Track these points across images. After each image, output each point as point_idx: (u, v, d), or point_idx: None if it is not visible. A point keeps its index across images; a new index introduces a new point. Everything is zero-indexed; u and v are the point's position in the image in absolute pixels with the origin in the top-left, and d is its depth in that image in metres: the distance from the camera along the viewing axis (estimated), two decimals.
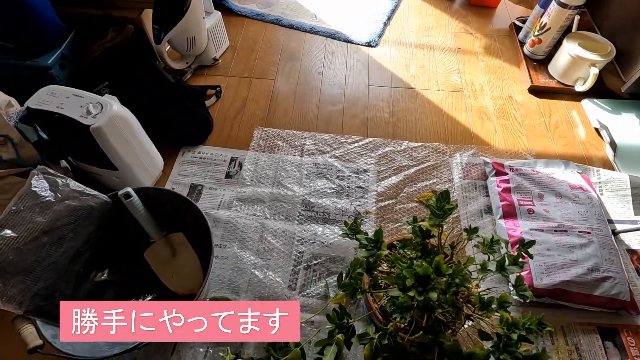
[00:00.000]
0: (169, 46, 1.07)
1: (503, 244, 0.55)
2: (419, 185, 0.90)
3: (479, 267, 0.55)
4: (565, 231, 0.76)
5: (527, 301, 0.71)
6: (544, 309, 0.73)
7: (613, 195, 0.87)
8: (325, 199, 0.87)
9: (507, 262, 0.50)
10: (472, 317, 0.49)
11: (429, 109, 1.05)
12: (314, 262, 0.78)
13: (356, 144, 0.96)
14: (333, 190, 0.88)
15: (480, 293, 0.53)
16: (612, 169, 0.93)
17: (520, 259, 0.53)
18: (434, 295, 0.42)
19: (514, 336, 0.41)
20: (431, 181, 0.90)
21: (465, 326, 0.56)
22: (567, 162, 0.91)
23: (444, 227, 0.82)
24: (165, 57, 1.00)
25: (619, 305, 0.71)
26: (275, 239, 0.81)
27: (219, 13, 1.09)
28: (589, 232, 0.75)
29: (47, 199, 0.56)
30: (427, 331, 0.45)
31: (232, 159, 0.94)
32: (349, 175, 0.91)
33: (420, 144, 0.97)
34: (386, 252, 0.51)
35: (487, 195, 0.88)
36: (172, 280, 0.71)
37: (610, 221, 0.85)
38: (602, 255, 0.73)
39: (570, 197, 0.81)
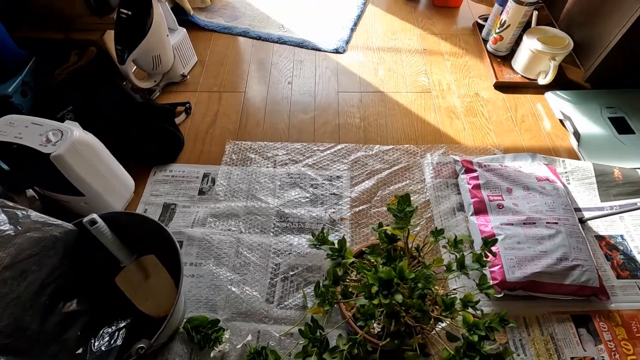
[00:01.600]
0: (135, 66, 1.07)
1: (467, 243, 0.56)
2: (392, 187, 0.91)
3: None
4: (534, 223, 0.78)
5: (501, 295, 0.72)
6: (519, 301, 0.74)
7: (579, 184, 0.90)
8: (300, 208, 0.87)
9: (468, 261, 0.51)
10: (441, 319, 0.50)
11: (399, 112, 1.06)
12: (291, 273, 0.78)
13: (328, 151, 0.97)
14: (307, 199, 0.89)
15: (450, 293, 0.54)
16: (577, 158, 0.95)
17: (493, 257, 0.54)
18: (398, 297, 0.42)
19: (474, 337, 0.42)
20: (404, 183, 0.92)
21: (438, 328, 0.57)
22: (534, 154, 0.94)
23: (418, 228, 0.84)
24: (131, 77, 0.99)
25: (589, 292, 0.72)
26: (251, 252, 0.81)
27: (184, 30, 1.09)
28: (556, 223, 0.77)
29: (7, 232, 0.55)
30: (394, 336, 0.45)
31: (205, 175, 0.93)
32: (323, 183, 0.91)
33: (391, 146, 0.98)
34: (351, 260, 0.51)
35: (459, 193, 0.89)
36: (146, 303, 0.70)
37: (578, 209, 0.87)
38: (570, 244, 0.74)
39: (537, 190, 0.83)
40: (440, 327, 0.56)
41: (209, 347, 0.68)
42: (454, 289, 0.57)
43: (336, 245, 0.51)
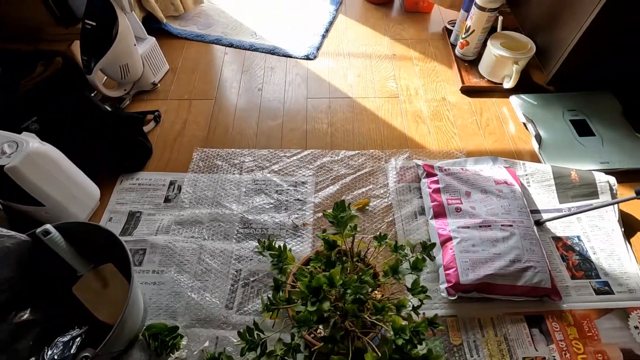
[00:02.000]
0: (105, 76, 1.08)
1: (408, 248, 0.57)
2: (355, 192, 0.92)
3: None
4: (489, 226, 0.79)
5: (455, 298, 0.73)
6: (474, 303, 0.76)
7: (539, 186, 0.91)
8: (264, 214, 0.88)
9: (402, 266, 0.52)
10: (377, 324, 0.51)
11: (366, 117, 1.08)
12: (252, 279, 0.79)
13: (295, 157, 0.98)
14: (271, 205, 0.90)
15: (390, 298, 0.55)
16: (539, 161, 0.97)
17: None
18: (325, 305, 0.44)
19: (399, 341, 0.43)
20: (367, 187, 0.93)
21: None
22: (495, 157, 0.95)
23: (379, 233, 0.84)
24: (99, 86, 1.00)
25: (541, 293, 0.74)
26: (213, 259, 0.82)
27: (153, 39, 1.10)
28: (511, 225, 0.79)
29: None
30: (328, 341, 0.46)
31: (171, 183, 0.94)
32: (288, 189, 0.93)
33: (357, 152, 0.99)
34: (292, 266, 0.52)
35: (421, 197, 0.91)
36: (105, 311, 0.70)
37: (537, 211, 0.89)
38: (523, 246, 0.76)
39: (495, 193, 0.84)
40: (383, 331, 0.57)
41: (166, 353, 0.69)
42: (392, 293, 0.58)
43: (275, 252, 0.52)
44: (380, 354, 0.42)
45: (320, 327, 0.55)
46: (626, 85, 1.06)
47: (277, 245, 0.56)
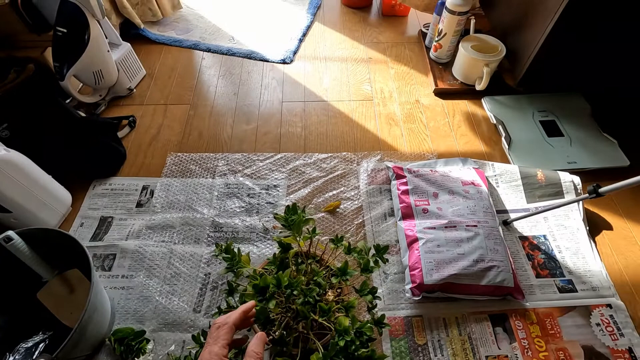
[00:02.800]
0: (80, 82, 1.08)
1: (364, 249, 0.58)
2: (326, 195, 0.93)
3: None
4: (455, 226, 0.80)
5: (419, 298, 0.74)
6: (439, 302, 0.77)
7: (507, 187, 0.93)
8: (235, 218, 0.89)
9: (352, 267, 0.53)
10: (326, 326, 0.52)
11: (340, 120, 1.09)
12: (220, 282, 0.80)
13: (268, 161, 0.99)
14: (243, 209, 0.90)
15: (343, 299, 0.56)
16: (509, 162, 0.98)
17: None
18: (271, 304, 0.44)
19: (341, 342, 0.44)
20: (339, 190, 0.94)
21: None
22: (465, 159, 0.96)
23: (348, 235, 0.85)
24: (72, 93, 1.01)
25: (504, 292, 0.75)
26: (182, 263, 0.82)
27: (128, 44, 1.11)
28: (475, 225, 0.80)
29: None
30: (277, 343, 0.47)
31: (144, 188, 0.95)
32: (260, 192, 0.93)
33: (329, 154, 1.00)
34: (246, 268, 0.53)
35: (391, 199, 0.92)
36: (71, 317, 0.71)
37: (505, 211, 0.90)
38: (487, 246, 0.77)
39: (461, 194, 0.86)
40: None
41: (131, 358, 0.70)
42: (341, 296, 0.58)
43: (228, 254, 0.53)
44: (322, 355, 0.43)
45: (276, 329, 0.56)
46: (595, 86, 1.08)
47: (234, 249, 0.56)
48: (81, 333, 0.60)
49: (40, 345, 0.65)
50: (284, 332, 0.50)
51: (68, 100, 1.05)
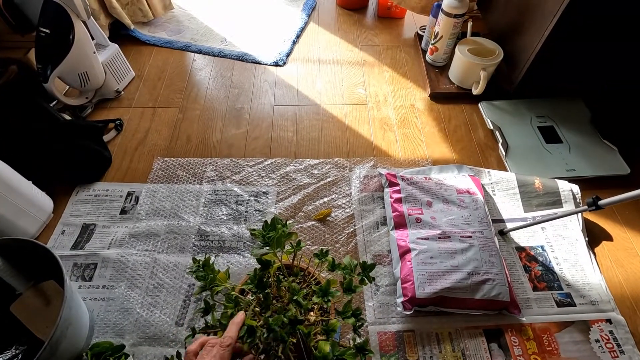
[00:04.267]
0: (66, 84, 1.06)
1: (349, 265, 0.54)
2: (317, 202, 0.90)
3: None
4: (449, 237, 0.77)
5: (411, 312, 0.71)
6: (432, 317, 0.74)
7: (504, 195, 0.90)
8: (222, 226, 0.86)
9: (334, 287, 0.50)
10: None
11: (333, 124, 1.06)
12: (205, 294, 0.76)
13: (257, 166, 0.96)
14: (230, 217, 0.87)
15: (329, 319, 0.53)
16: (505, 168, 0.95)
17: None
18: (245, 345, 0.42)
19: None
20: (330, 197, 0.91)
21: None
22: (460, 165, 0.94)
23: (338, 245, 0.82)
24: (56, 95, 0.98)
25: (500, 306, 0.72)
26: (166, 273, 0.79)
27: (116, 46, 1.08)
28: (470, 236, 0.77)
29: None
30: None
31: (129, 194, 0.91)
32: (248, 200, 0.90)
33: (320, 160, 0.97)
34: (223, 286, 0.50)
35: (384, 207, 0.89)
36: (46, 330, 0.68)
37: (502, 220, 0.87)
38: (482, 258, 0.74)
39: (456, 203, 0.83)
40: None
41: None
42: (322, 316, 0.55)
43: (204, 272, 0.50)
44: None
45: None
46: (592, 91, 1.05)
47: (214, 265, 0.53)
48: (53, 350, 0.57)
49: None
50: (261, 358, 0.47)
51: (53, 103, 1.02)
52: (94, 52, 0.99)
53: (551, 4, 0.85)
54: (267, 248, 0.49)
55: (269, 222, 0.50)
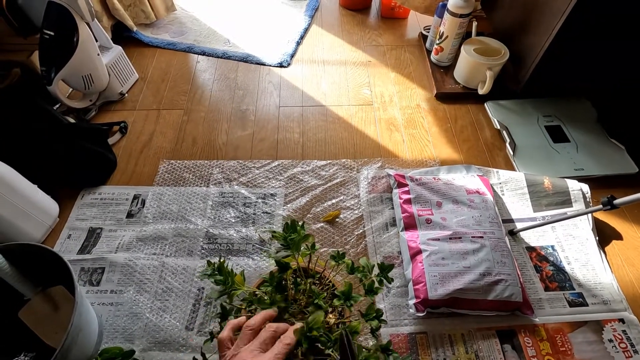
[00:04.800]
0: (70, 87, 1.05)
1: (366, 266, 0.54)
2: (325, 204, 0.89)
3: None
4: (460, 238, 0.77)
5: (423, 314, 0.71)
6: (445, 318, 0.73)
7: (513, 195, 0.89)
8: (230, 228, 0.85)
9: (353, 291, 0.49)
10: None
11: (339, 125, 1.06)
12: (215, 298, 0.76)
13: (264, 168, 0.95)
14: (238, 219, 0.87)
15: (345, 321, 0.52)
16: (513, 168, 0.95)
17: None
18: None
19: None
20: (338, 199, 0.90)
21: None
22: (469, 166, 0.93)
23: (348, 246, 0.81)
24: (60, 98, 0.97)
25: (512, 307, 0.71)
26: (174, 277, 0.78)
27: (119, 48, 1.07)
28: (481, 237, 0.76)
29: None
30: None
31: (135, 197, 0.91)
32: (256, 202, 0.90)
33: (328, 161, 0.97)
34: (241, 290, 0.50)
35: (393, 208, 0.88)
36: (55, 336, 0.67)
37: (511, 220, 0.87)
38: (493, 259, 0.74)
39: (466, 203, 0.82)
40: None
41: None
42: (342, 318, 0.54)
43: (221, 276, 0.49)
44: None
45: None
46: (601, 90, 1.05)
47: (227, 268, 0.53)
48: (64, 357, 0.56)
49: None
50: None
51: (57, 106, 1.01)
52: (98, 54, 0.98)
53: (560, 2, 0.85)
54: (288, 251, 0.48)
55: (289, 223, 0.49)
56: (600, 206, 0.62)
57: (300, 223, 0.52)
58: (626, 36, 0.88)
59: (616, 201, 0.59)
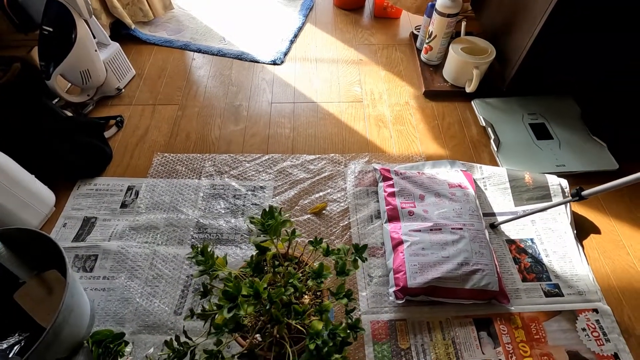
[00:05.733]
0: (68, 82, 1.08)
1: (342, 250, 0.56)
2: (313, 197, 0.92)
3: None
4: (440, 229, 0.79)
5: (402, 302, 0.73)
6: (424, 306, 0.76)
7: (496, 189, 0.92)
8: (220, 219, 0.88)
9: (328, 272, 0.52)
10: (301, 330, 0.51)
11: (329, 121, 1.08)
12: (204, 278, 0.79)
13: (255, 162, 0.98)
14: (228, 210, 0.90)
15: (317, 302, 0.55)
16: (497, 164, 0.98)
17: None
18: (250, 308, 0.44)
19: (312, 345, 0.43)
20: (325, 192, 0.93)
21: None
22: (453, 161, 0.96)
23: (333, 237, 0.84)
24: (59, 92, 1.00)
25: (489, 296, 0.74)
26: (165, 265, 0.81)
27: (117, 44, 1.11)
28: (461, 228, 0.79)
29: None
30: (250, 349, 0.46)
31: (129, 188, 0.94)
32: (246, 194, 0.93)
33: (317, 156, 0.99)
34: (221, 270, 0.52)
35: (378, 201, 0.91)
36: (48, 317, 0.70)
37: (493, 214, 0.89)
38: (472, 249, 0.76)
39: (448, 196, 0.85)
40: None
41: None
42: (316, 298, 0.57)
43: (202, 257, 0.52)
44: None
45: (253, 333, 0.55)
46: (585, 84, 1.08)
47: (210, 251, 0.56)
48: (55, 335, 0.59)
49: (15, 347, 0.64)
50: (257, 337, 0.49)
51: (55, 100, 1.04)
52: (96, 50, 1.02)
53: (541, 4, 0.87)
54: (265, 235, 0.51)
55: (267, 210, 0.52)
56: (569, 197, 0.64)
57: (279, 209, 0.54)
58: (609, 29, 0.90)
59: (584, 192, 0.62)
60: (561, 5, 0.84)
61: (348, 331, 0.46)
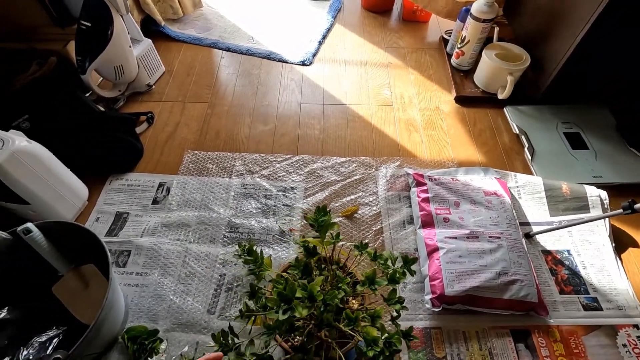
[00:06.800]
0: (100, 76, 1.09)
1: (390, 258, 0.56)
2: (344, 199, 0.91)
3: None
4: (477, 237, 0.78)
5: (439, 310, 0.72)
6: (459, 315, 0.75)
7: (530, 198, 0.90)
8: (251, 219, 0.88)
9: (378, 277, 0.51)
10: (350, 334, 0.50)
11: (359, 124, 1.08)
12: (236, 284, 0.78)
13: (285, 162, 0.98)
14: (259, 210, 0.89)
15: (368, 307, 0.54)
16: (531, 173, 0.96)
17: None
18: (304, 311, 0.43)
19: (370, 353, 0.42)
20: (357, 195, 0.92)
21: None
22: (487, 168, 0.94)
23: (367, 241, 0.84)
24: (93, 87, 1.01)
25: (527, 307, 0.73)
26: (197, 263, 0.81)
27: (149, 41, 1.11)
28: (498, 237, 0.78)
29: None
30: (299, 350, 0.46)
31: (160, 185, 0.94)
32: (277, 194, 0.92)
33: (347, 158, 0.99)
34: (268, 272, 0.52)
35: (411, 206, 0.90)
36: (86, 312, 0.70)
37: (528, 223, 0.88)
38: (510, 259, 0.75)
39: (484, 204, 0.84)
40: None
41: (144, 357, 0.68)
42: (371, 302, 0.56)
43: (251, 257, 0.51)
44: None
45: (297, 335, 0.54)
46: (620, 99, 1.06)
47: (257, 251, 0.55)
48: (97, 331, 0.59)
49: (54, 341, 0.64)
50: (305, 340, 0.48)
51: (88, 94, 1.05)
52: (130, 46, 1.02)
53: (585, 10, 0.86)
54: (317, 233, 0.50)
55: (320, 207, 0.52)
56: (621, 210, 0.63)
57: (328, 210, 0.54)
58: None
59: (637, 205, 0.60)
60: (603, 18, 0.82)
61: (401, 339, 0.45)
